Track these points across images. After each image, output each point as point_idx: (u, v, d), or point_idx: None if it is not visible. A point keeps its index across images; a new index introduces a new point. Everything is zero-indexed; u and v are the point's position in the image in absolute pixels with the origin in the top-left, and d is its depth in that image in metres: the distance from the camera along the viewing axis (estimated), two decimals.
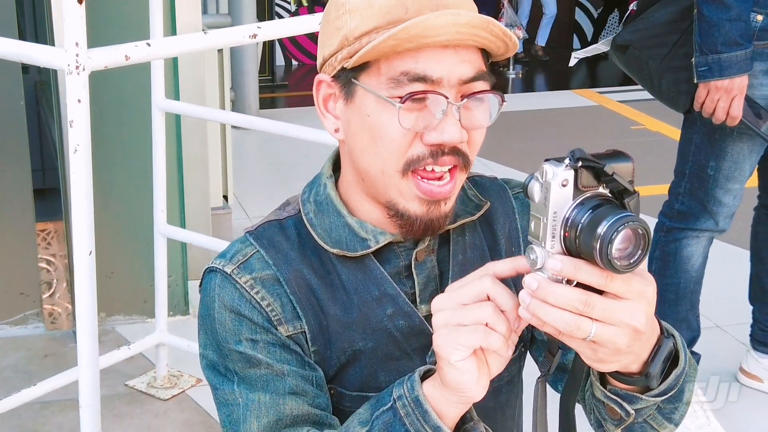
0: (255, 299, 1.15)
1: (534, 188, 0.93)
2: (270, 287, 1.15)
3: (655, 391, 1.04)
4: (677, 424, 1.12)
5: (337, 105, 1.16)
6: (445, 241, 1.22)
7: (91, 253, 1.99)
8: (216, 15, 5.67)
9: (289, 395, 1.13)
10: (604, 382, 1.07)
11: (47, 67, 2.40)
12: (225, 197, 4.38)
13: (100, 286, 2.06)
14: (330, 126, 1.18)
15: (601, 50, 2.96)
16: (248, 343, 1.14)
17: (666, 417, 1.09)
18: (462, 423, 1.05)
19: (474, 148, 1.14)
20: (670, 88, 2.74)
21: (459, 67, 1.09)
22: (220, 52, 4.49)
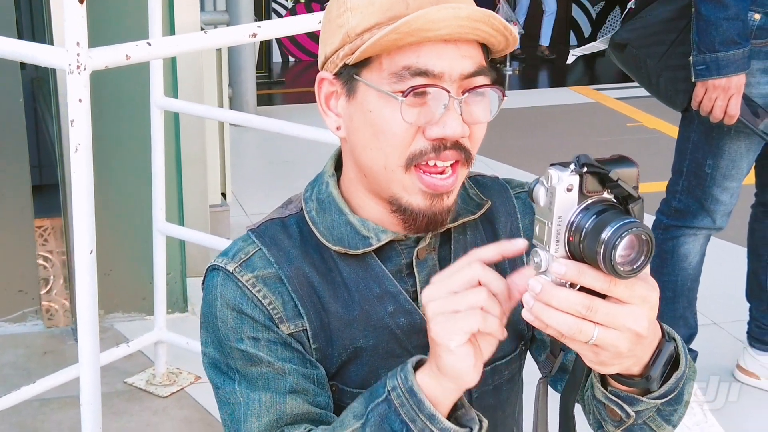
0: (257, 297, 1.15)
1: (539, 192, 0.93)
2: (272, 285, 1.16)
3: (656, 394, 1.04)
4: (675, 426, 1.12)
5: (339, 102, 1.16)
6: (446, 239, 1.22)
7: (92, 251, 2.00)
8: (213, 12, 5.65)
9: (289, 394, 1.13)
10: (604, 384, 1.07)
11: (47, 67, 2.39)
12: (223, 194, 4.37)
13: (98, 284, 2.06)
14: (332, 124, 1.18)
15: (599, 48, 2.97)
16: (250, 341, 1.14)
17: (665, 419, 1.10)
18: (454, 410, 1.05)
19: (475, 144, 1.15)
20: (668, 87, 2.75)
21: (460, 62, 1.10)
22: (219, 50, 4.48)
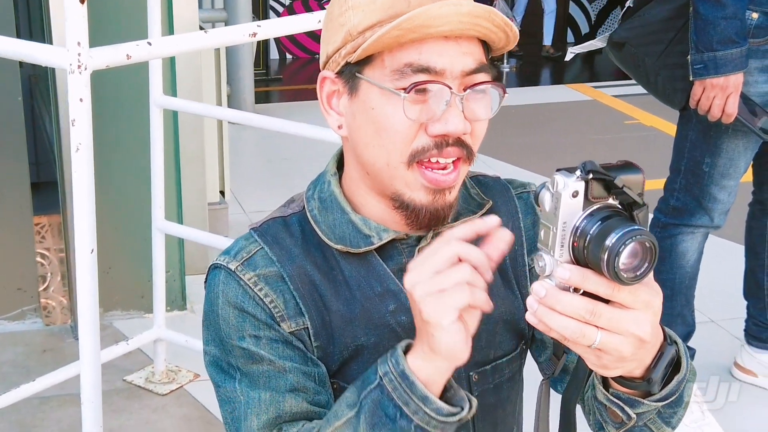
0: (258, 296, 1.15)
1: (545, 198, 0.94)
2: (273, 284, 1.16)
3: (657, 396, 1.05)
4: (674, 428, 1.13)
5: (341, 101, 1.17)
6: None
7: (93, 251, 2.00)
8: (211, 9, 5.63)
9: (289, 392, 1.14)
10: (606, 385, 1.08)
11: (48, 66, 2.39)
12: (222, 192, 4.37)
13: (98, 282, 2.07)
14: (333, 123, 1.19)
15: (598, 46, 2.98)
16: (251, 339, 1.15)
17: (665, 421, 1.11)
18: (443, 393, 1.05)
19: (476, 141, 1.15)
20: (666, 86, 2.75)
21: (461, 59, 1.10)
22: (217, 48, 4.48)
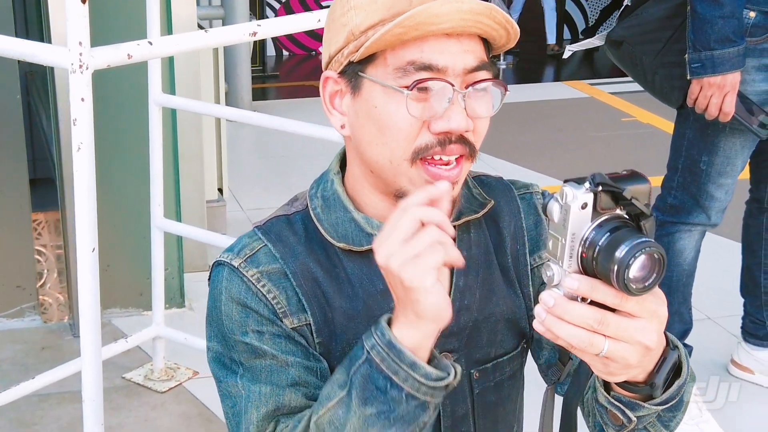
0: (261, 292, 1.17)
1: (554, 209, 0.95)
2: (276, 280, 1.17)
3: (657, 400, 1.06)
4: (673, 431, 1.14)
5: (344, 101, 1.18)
6: None
7: (94, 250, 2.01)
8: (209, 7, 5.63)
9: (289, 387, 1.15)
10: (607, 388, 1.09)
11: (49, 65, 2.39)
12: (220, 190, 4.38)
13: None
14: (336, 122, 1.20)
15: (595, 45, 2.99)
16: (254, 334, 1.16)
17: (664, 424, 1.12)
18: (429, 362, 1.06)
19: (478, 138, 1.16)
20: (664, 84, 2.76)
21: (462, 57, 1.11)
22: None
